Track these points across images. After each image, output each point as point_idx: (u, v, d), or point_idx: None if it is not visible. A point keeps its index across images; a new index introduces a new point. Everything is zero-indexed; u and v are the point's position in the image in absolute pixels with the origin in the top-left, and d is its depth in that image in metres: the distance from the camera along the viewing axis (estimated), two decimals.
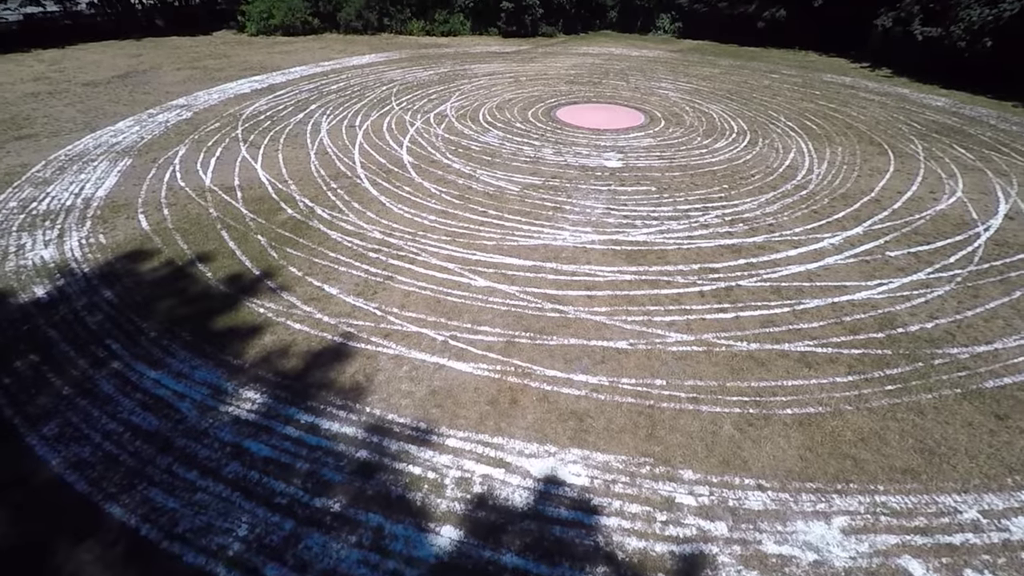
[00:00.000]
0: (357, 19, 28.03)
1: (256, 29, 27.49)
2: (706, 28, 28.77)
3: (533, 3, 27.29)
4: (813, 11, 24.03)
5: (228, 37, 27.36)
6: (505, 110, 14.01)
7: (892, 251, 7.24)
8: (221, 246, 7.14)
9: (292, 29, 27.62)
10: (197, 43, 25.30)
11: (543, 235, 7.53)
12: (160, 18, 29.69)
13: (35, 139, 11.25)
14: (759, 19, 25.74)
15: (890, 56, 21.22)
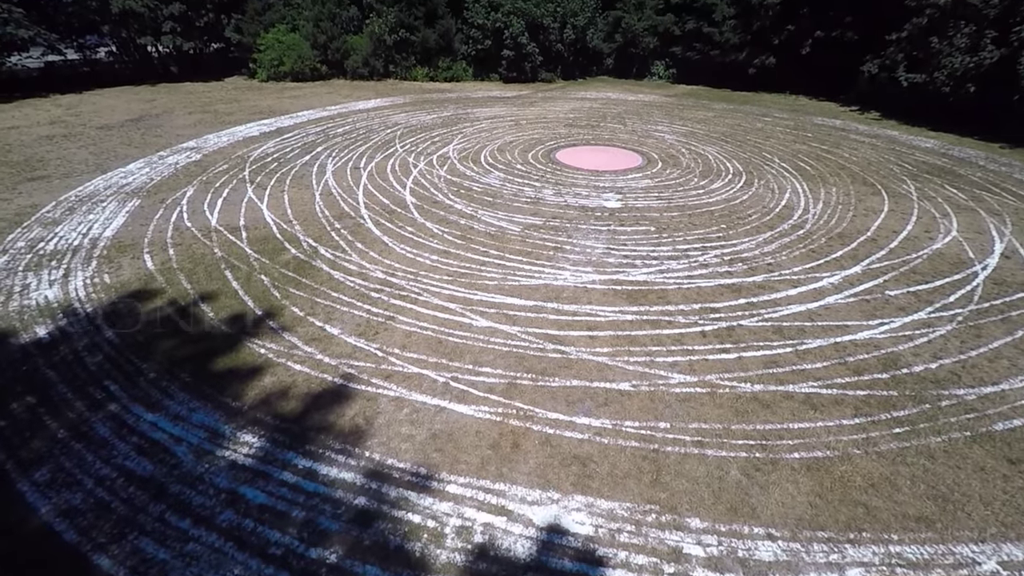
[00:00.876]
0: (364, 66, 29.20)
1: (266, 75, 28.60)
2: (699, 74, 29.90)
3: (532, 51, 28.48)
4: (801, 58, 25.04)
5: (239, 83, 28.44)
6: (506, 152, 14.40)
7: (892, 290, 7.27)
8: (224, 286, 7.19)
9: (301, 75, 28.73)
10: (209, 88, 26.28)
11: (544, 275, 7.59)
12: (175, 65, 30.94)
13: (47, 180, 11.52)
14: (750, 66, 26.79)
15: (878, 100, 21.96)
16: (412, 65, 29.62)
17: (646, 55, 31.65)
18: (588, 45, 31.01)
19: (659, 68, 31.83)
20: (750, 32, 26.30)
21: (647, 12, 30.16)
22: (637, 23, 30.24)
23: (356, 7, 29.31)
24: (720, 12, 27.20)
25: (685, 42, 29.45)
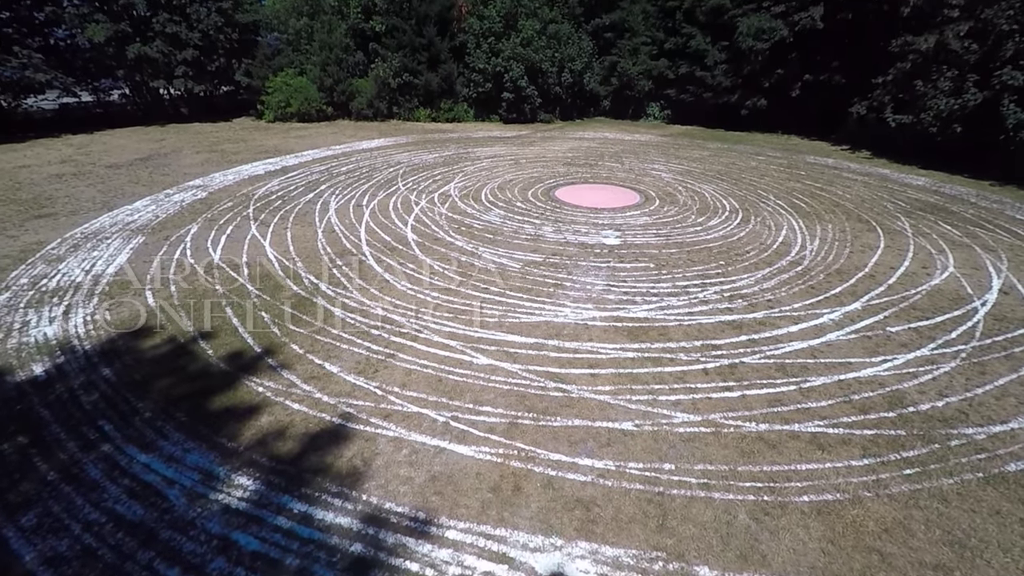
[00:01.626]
0: (368, 108, 30.16)
1: (273, 116, 29.49)
2: (693, 115, 30.87)
3: (532, 93, 29.49)
4: (791, 100, 25.91)
5: (247, 123, 29.29)
6: (506, 190, 14.68)
7: (893, 326, 7.26)
8: (224, 323, 7.18)
9: (307, 116, 29.63)
10: (218, 128, 27.05)
11: (544, 312, 7.60)
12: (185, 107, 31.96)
13: (54, 218, 11.69)
14: (742, 107, 27.69)
15: (867, 139, 22.58)
16: (415, 106, 30.60)
17: (641, 97, 32.75)
18: (585, 88, 32.14)
19: (654, 109, 32.87)
20: (741, 76, 27.31)
21: (641, 57, 31.39)
22: (632, 67, 31.44)
23: (362, 53, 30.54)
24: (712, 57, 28.32)
25: (679, 85, 30.53)
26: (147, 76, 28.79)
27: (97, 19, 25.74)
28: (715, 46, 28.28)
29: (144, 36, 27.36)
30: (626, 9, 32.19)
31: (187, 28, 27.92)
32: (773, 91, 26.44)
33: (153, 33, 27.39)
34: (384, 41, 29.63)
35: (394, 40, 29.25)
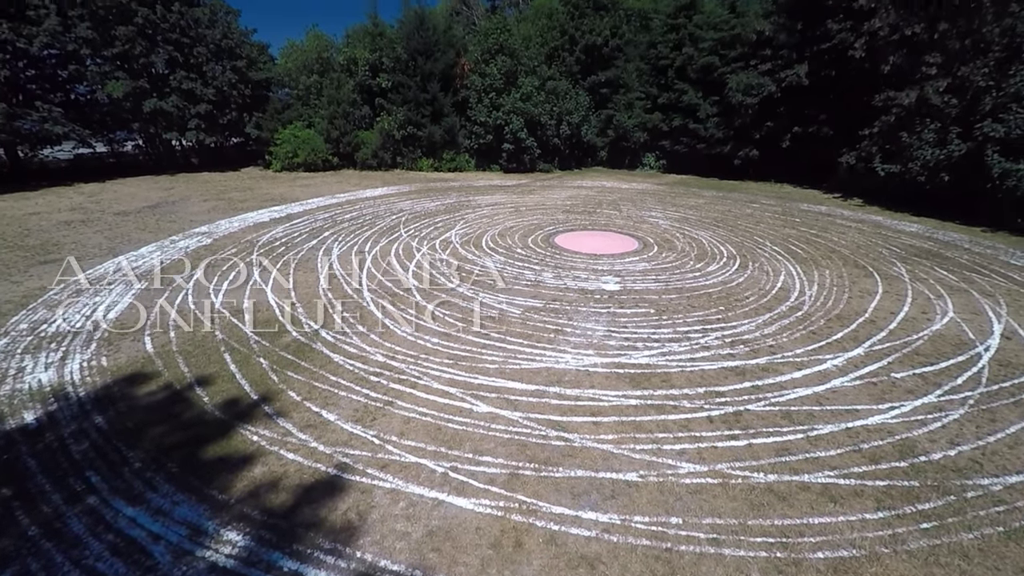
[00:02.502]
0: (373, 158, 31.18)
1: (281, 166, 30.44)
2: (688, 164, 31.86)
3: (531, 145, 30.57)
4: (782, 151, 26.81)
5: (255, 173, 30.18)
6: (507, 237, 14.92)
7: (897, 372, 7.18)
8: (222, 369, 7.11)
9: (313, 166, 30.58)
10: (226, 178, 27.83)
11: (545, 358, 7.54)
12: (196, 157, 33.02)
13: (60, 263, 11.81)
14: (735, 157, 28.62)
15: (858, 188, 23.17)
16: (418, 157, 31.63)
17: (637, 148, 33.93)
18: (583, 139, 33.34)
19: (650, 159, 33.96)
20: (733, 128, 28.41)
21: (636, 111, 32.78)
22: (627, 120, 32.76)
23: (368, 107, 31.92)
24: (703, 111, 29.57)
25: (673, 136, 31.70)
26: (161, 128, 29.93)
27: (117, 76, 27.06)
28: (706, 100, 29.58)
29: (161, 92, 28.68)
30: (620, 67, 33.93)
31: (202, 84, 29.32)
32: (764, 142, 27.43)
33: (170, 89, 28.74)
34: (390, 96, 31.04)
35: (399, 95, 30.65)
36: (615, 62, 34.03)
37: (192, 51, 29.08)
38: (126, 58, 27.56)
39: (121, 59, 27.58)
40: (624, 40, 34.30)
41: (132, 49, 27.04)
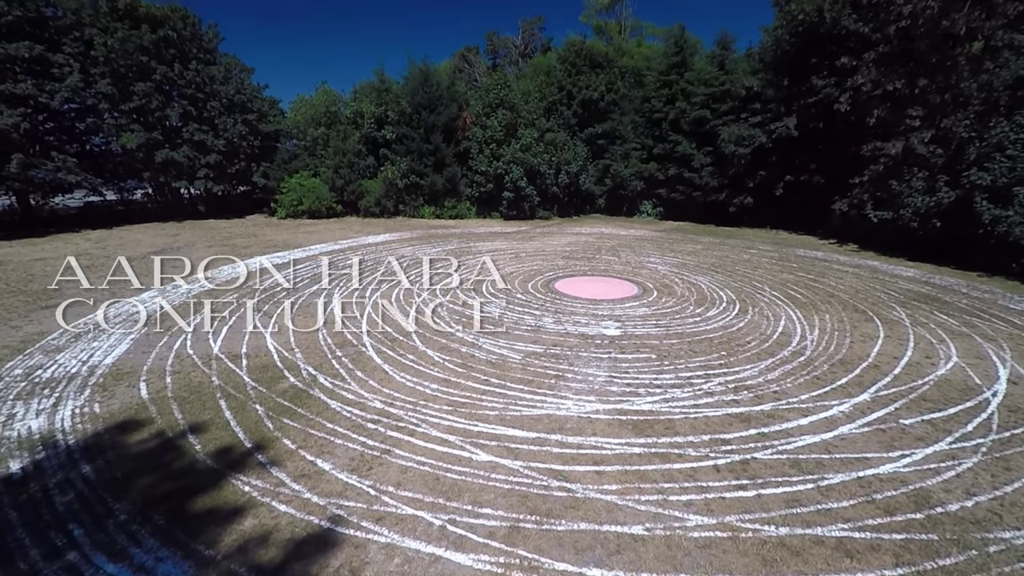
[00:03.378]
0: (376, 205, 31.89)
1: (285, 214, 31.09)
2: (684, 211, 32.53)
3: (531, 193, 31.36)
4: (776, 198, 27.46)
5: (260, 220, 30.76)
6: (507, 282, 15.01)
7: (906, 419, 7.03)
8: (217, 416, 6.97)
9: (317, 213, 31.24)
10: (231, 225, 28.34)
11: (546, 404, 7.41)
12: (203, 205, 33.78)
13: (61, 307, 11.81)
14: (730, 205, 29.27)
15: (852, 234, 23.55)
16: (420, 204, 32.36)
17: (634, 196, 34.77)
18: (581, 188, 34.22)
19: (647, 207, 34.71)
20: (727, 177, 29.21)
21: (632, 161, 33.83)
22: (624, 170, 33.75)
23: (373, 157, 32.98)
24: (698, 160, 30.50)
25: (669, 185, 32.54)
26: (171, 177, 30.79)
27: (132, 129, 28.13)
28: (700, 151, 30.58)
29: (173, 143, 29.72)
30: (616, 120, 35.32)
31: (213, 136, 30.42)
32: (758, 190, 28.14)
33: (182, 140, 29.80)
34: (394, 147, 32.14)
35: (403, 146, 31.74)
36: (611, 115, 35.46)
37: (206, 105, 30.37)
38: (142, 111, 28.74)
39: (137, 112, 28.76)
40: (619, 95, 35.90)
41: (149, 103, 28.27)
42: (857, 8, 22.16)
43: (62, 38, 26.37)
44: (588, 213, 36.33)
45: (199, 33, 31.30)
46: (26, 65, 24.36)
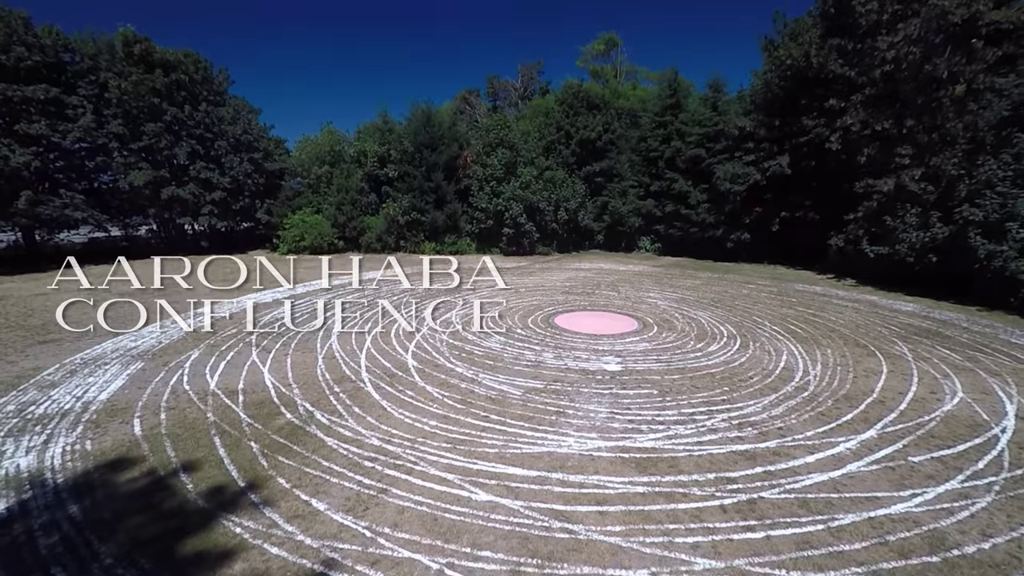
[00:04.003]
0: (377, 241, 32.26)
1: (287, 249, 31.39)
2: (683, 247, 32.86)
3: (530, 229, 31.77)
4: (772, 234, 27.79)
5: (262, 256, 30.99)
6: (507, 317, 15.00)
7: (915, 456, 6.88)
8: (210, 453, 6.82)
9: (319, 249, 31.54)
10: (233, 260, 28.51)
11: (547, 441, 7.26)
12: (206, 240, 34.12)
13: (58, 343, 11.77)
14: (727, 240, 29.60)
15: (850, 269, 23.70)
16: (421, 240, 32.73)
17: (632, 232, 35.21)
18: (580, 224, 34.70)
19: (645, 242, 35.09)
20: (723, 213, 29.68)
21: (630, 198, 34.44)
22: (622, 207, 34.31)
23: (375, 194, 33.60)
24: (694, 197, 31.06)
25: (666, 221, 33.01)
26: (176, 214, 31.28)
27: (141, 167, 28.78)
28: (696, 188, 31.20)
29: (180, 180, 30.35)
30: (613, 158, 36.19)
31: (219, 174, 31.10)
32: (754, 226, 28.52)
33: (188, 178, 30.44)
34: (396, 184, 32.82)
35: (405, 184, 32.41)
36: (608, 154, 36.37)
37: (213, 144, 31.21)
38: (151, 150, 29.50)
39: (146, 151, 29.50)
40: (616, 135, 36.92)
41: (158, 143, 29.05)
42: (842, 53, 23.12)
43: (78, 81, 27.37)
44: (587, 249, 36.68)
45: (210, 76, 32.53)
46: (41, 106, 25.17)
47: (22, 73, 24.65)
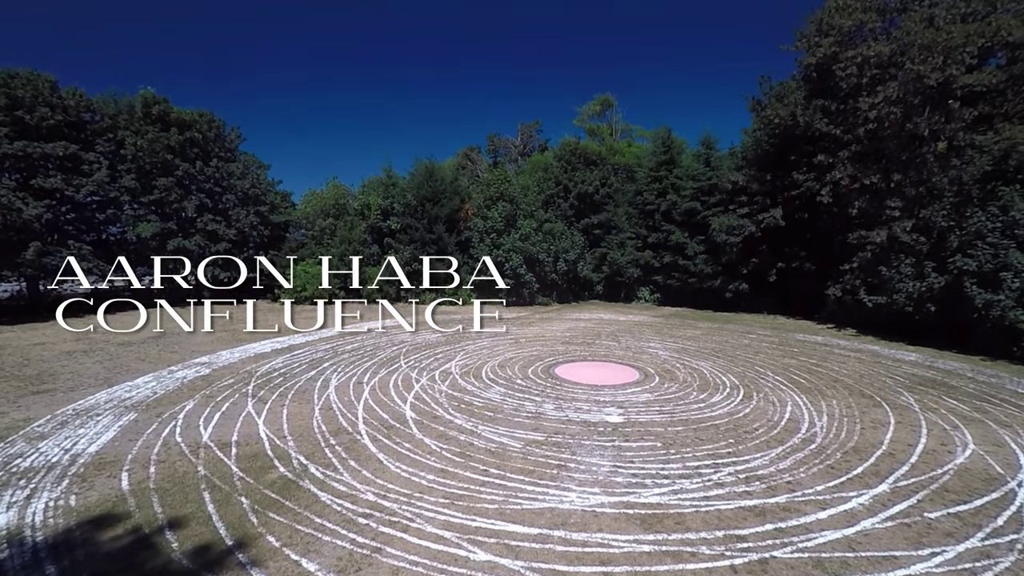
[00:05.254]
0: (378, 292, 32.43)
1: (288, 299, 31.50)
2: (681, 297, 33.04)
3: (530, 280, 32.06)
4: (770, 284, 28.03)
5: (262, 305, 31.09)
6: (507, 368, 14.87)
7: (930, 512, 6.62)
8: (199, 509, 6.56)
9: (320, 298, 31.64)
10: (235, 310, 28.57)
11: (548, 497, 7.01)
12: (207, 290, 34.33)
13: (51, 394, 11.59)
14: (726, 291, 29.81)
15: (849, 318, 23.71)
16: (422, 290, 32.91)
17: (631, 282, 35.52)
18: (579, 275, 35.07)
19: (644, 293, 35.31)
20: (720, 264, 30.08)
21: (628, 249, 35.02)
22: (620, 257, 34.82)
23: (378, 246, 34.18)
24: (691, 249, 31.59)
25: (665, 272, 33.39)
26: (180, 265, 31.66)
27: (149, 219, 29.46)
28: (693, 239, 31.80)
29: (187, 232, 30.97)
30: (611, 211, 37.14)
31: (225, 226, 31.78)
32: (752, 276, 28.82)
33: (195, 230, 31.07)
34: (398, 236, 33.46)
35: (407, 236, 33.06)
36: (606, 207, 37.35)
37: (222, 198, 32.10)
38: (160, 203, 30.30)
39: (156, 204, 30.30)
40: (613, 188, 38.10)
41: (168, 196, 29.89)
42: (827, 113, 24.29)
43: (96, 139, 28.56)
44: (586, 299, 36.86)
45: (222, 135, 33.97)
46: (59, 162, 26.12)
47: (44, 131, 25.77)
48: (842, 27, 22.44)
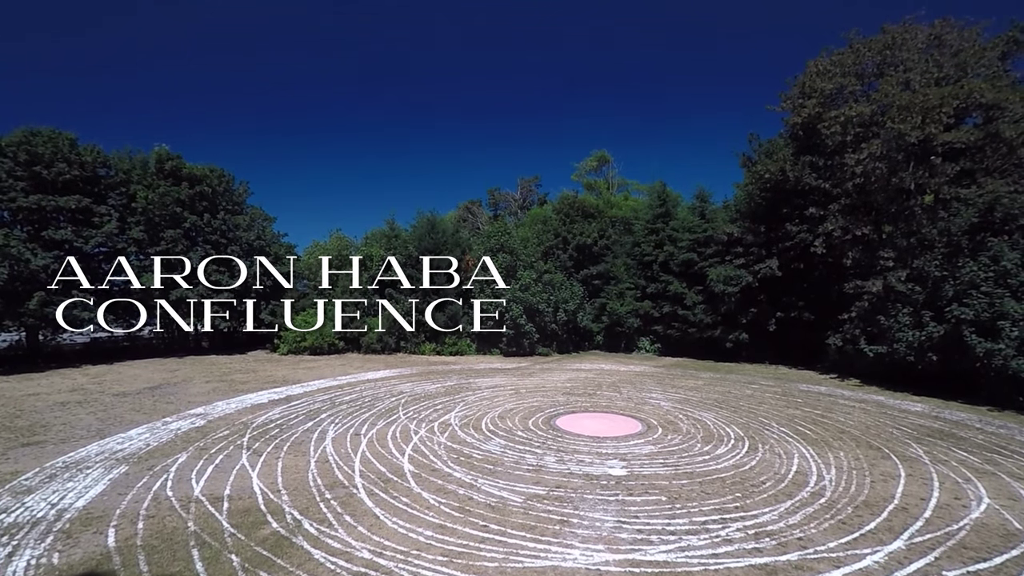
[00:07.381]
0: (378, 342, 32.33)
1: (288, 349, 31.36)
2: (682, 347, 32.86)
3: (530, 330, 32.02)
4: (770, 334, 27.99)
5: (261, 356, 30.91)
6: (507, 419, 14.62)
7: (949, 570, 6.35)
8: (186, 568, 6.30)
9: (319, 349, 31.49)
10: (232, 360, 28.41)
11: (551, 554, 6.75)
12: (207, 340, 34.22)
13: (42, 446, 11.35)
14: (726, 340, 29.70)
15: (851, 368, 23.51)
16: (421, 341, 32.82)
17: (631, 332, 35.44)
18: (579, 325, 35.07)
19: (645, 343, 35.15)
20: (719, 314, 30.15)
21: (627, 299, 35.23)
22: (620, 308, 34.95)
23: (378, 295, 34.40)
24: (690, 299, 31.78)
25: (664, 322, 33.41)
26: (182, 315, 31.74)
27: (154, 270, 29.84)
28: (691, 290, 32.06)
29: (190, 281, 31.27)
30: (609, 262, 37.70)
31: (228, 276, 32.13)
32: (751, 326, 28.82)
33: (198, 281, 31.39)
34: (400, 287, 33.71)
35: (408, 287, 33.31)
36: (604, 258, 37.94)
37: (226, 249, 32.66)
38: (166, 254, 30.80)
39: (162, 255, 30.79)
40: (611, 240, 38.85)
41: (174, 247, 30.44)
42: (815, 168, 25.24)
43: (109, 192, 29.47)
44: (587, 349, 36.66)
45: (231, 189, 35.06)
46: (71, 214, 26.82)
47: (59, 185, 26.65)
48: (823, 90, 23.76)
